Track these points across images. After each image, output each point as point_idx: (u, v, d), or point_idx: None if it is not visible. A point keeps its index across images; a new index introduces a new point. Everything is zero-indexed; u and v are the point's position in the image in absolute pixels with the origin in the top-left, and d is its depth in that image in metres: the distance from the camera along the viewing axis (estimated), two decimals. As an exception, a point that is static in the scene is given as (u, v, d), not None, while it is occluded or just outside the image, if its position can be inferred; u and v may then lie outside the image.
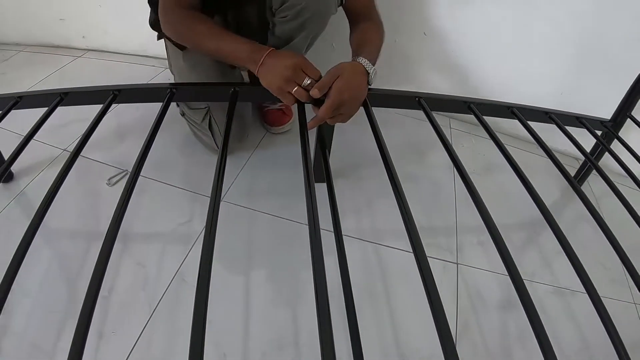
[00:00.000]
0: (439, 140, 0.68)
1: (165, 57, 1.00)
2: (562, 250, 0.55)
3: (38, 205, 0.51)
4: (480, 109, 0.81)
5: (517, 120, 0.87)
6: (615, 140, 0.99)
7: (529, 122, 0.85)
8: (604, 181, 0.76)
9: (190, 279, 0.72)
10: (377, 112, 0.69)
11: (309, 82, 0.65)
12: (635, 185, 0.83)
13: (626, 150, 0.92)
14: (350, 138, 1.05)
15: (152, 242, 0.80)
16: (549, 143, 0.79)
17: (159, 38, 0.94)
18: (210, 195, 0.52)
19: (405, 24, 1.18)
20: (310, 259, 0.44)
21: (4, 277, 0.42)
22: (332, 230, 0.51)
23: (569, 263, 0.54)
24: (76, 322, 0.37)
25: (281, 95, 0.67)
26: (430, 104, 0.77)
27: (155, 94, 0.76)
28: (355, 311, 0.41)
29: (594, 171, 0.96)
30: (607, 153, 0.94)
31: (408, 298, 0.74)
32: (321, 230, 0.47)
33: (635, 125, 1.01)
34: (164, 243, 0.80)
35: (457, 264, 0.82)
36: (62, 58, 1.46)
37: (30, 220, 0.49)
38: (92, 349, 0.63)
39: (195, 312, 0.39)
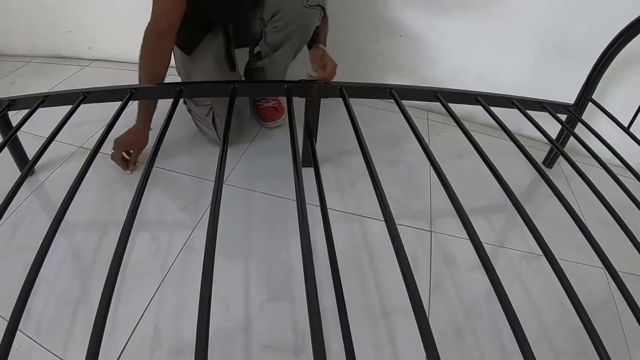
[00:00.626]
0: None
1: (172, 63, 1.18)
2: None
3: (56, 197, 0.66)
4: (446, 97, 0.97)
5: (497, 117, 1.02)
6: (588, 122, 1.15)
7: (499, 110, 1.01)
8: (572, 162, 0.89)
9: (198, 247, 0.88)
10: (362, 107, 0.87)
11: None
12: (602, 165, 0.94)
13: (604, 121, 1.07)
14: (335, 129, 1.23)
15: (164, 219, 0.97)
16: (521, 130, 0.95)
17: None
18: (214, 177, 0.67)
19: (384, 26, 1.37)
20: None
21: (33, 263, 0.53)
22: (319, 205, 0.67)
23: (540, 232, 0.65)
24: (102, 285, 0.50)
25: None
26: (400, 94, 0.94)
27: (167, 90, 0.93)
28: (339, 270, 0.55)
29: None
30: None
31: (387, 261, 0.90)
32: (309, 205, 0.61)
33: (602, 110, 1.18)
34: (174, 219, 0.96)
35: (431, 232, 0.98)
36: (70, 68, 1.64)
37: (49, 211, 0.64)
38: (113, 305, 0.78)
39: (203, 272, 0.50)
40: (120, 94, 0.91)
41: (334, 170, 1.13)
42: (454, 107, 0.96)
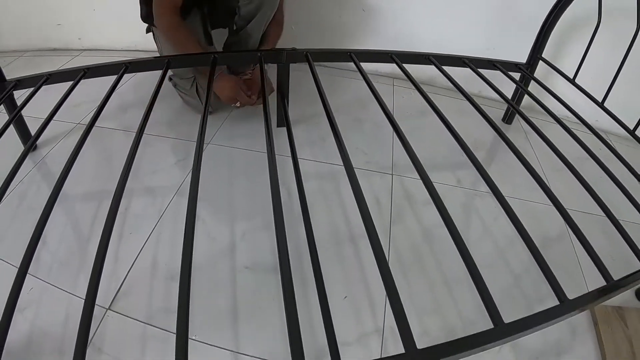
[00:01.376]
0: (380, 91, 1.03)
1: (155, 49, 1.37)
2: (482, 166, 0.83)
3: (57, 168, 0.82)
4: (401, 59, 1.17)
5: (453, 74, 1.18)
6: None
7: (458, 74, 1.18)
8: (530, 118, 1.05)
9: (187, 195, 1.08)
10: (332, 76, 1.06)
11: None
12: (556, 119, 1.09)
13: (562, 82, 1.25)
14: (306, 96, 1.43)
15: (157, 174, 1.17)
16: (482, 92, 1.14)
17: (147, 31, 1.32)
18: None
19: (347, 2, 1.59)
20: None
21: (40, 216, 0.67)
22: (290, 155, 0.85)
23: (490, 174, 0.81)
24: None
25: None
26: (359, 57, 1.14)
27: (157, 63, 1.13)
28: (307, 204, 0.73)
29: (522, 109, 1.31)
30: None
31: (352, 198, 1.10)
32: (283, 156, 0.80)
33: (551, 66, 1.37)
34: (166, 174, 1.17)
35: (392, 174, 1.20)
36: (61, 59, 1.83)
37: (52, 179, 0.80)
38: (115, 245, 0.98)
39: (188, 210, 0.67)
40: (116, 68, 1.10)
41: (306, 130, 1.34)
42: (416, 73, 1.15)
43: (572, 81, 1.27)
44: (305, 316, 0.83)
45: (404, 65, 1.15)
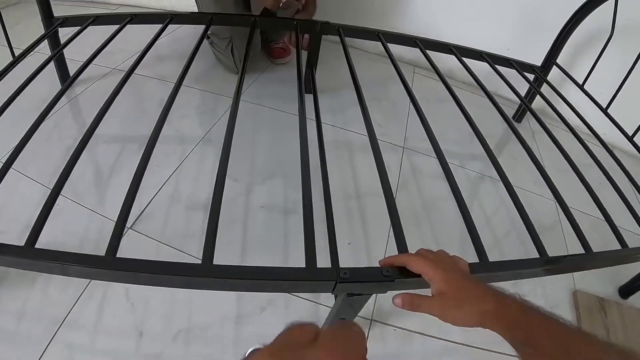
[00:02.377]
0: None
1: (193, 10, 1.49)
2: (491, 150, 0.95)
3: (89, 107, 0.93)
4: (425, 45, 1.31)
5: (470, 69, 1.31)
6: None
7: (477, 70, 1.28)
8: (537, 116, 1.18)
9: (214, 140, 1.22)
10: (356, 55, 1.19)
11: None
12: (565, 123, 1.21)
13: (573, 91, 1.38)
14: (332, 71, 1.58)
15: (188, 117, 1.32)
16: (497, 90, 1.27)
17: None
18: (234, 90, 0.98)
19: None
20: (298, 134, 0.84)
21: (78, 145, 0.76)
22: (314, 118, 0.96)
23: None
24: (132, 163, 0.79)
25: None
26: (386, 38, 1.28)
27: (201, 18, 1.27)
28: (326, 164, 0.84)
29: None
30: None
31: (365, 161, 1.24)
32: (307, 119, 0.90)
33: (563, 72, 1.50)
34: (196, 120, 1.32)
35: (404, 147, 1.35)
36: (98, 11, 1.99)
37: (79, 118, 0.92)
38: (147, 175, 1.11)
39: (222, 154, 0.78)
40: (162, 18, 1.24)
41: (328, 99, 1.49)
42: (437, 64, 1.28)
43: (580, 86, 1.41)
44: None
45: (427, 51, 1.29)
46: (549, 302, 1.10)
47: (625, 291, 1.18)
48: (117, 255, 0.58)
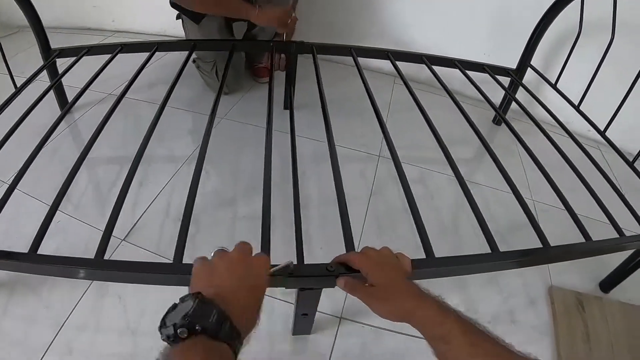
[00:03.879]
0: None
1: (183, 35, 1.67)
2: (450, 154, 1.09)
3: (87, 130, 1.06)
4: (396, 57, 1.46)
5: (453, 76, 1.43)
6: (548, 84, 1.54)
7: (458, 78, 1.44)
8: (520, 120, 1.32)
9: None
10: (343, 70, 1.38)
11: None
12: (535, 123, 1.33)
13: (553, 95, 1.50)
14: (312, 87, 1.69)
15: (178, 140, 1.51)
16: (478, 95, 1.38)
17: (177, 18, 1.64)
18: (219, 112, 1.16)
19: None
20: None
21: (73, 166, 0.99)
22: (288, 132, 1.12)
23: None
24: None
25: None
26: (358, 53, 1.43)
27: (184, 44, 1.45)
28: (297, 175, 1.01)
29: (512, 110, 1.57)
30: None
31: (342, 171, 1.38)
32: (284, 133, 1.06)
33: (537, 73, 1.62)
34: (185, 140, 1.51)
35: (379, 156, 1.51)
36: (94, 38, 2.18)
37: (79, 141, 1.09)
38: (135, 191, 1.28)
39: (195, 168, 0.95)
40: (149, 46, 1.42)
41: (310, 113, 1.64)
42: (416, 74, 1.41)
43: (553, 86, 1.53)
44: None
45: (400, 63, 1.44)
46: (525, 299, 1.20)
47: (606, 285, 1.27)
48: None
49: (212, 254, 0.60)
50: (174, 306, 0.48)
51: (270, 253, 0.76)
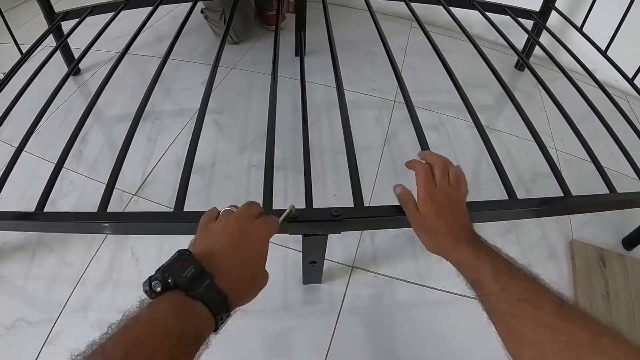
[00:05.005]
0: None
1: None
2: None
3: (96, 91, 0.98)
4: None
5: (472, 20, 1.33)
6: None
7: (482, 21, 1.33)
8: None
9: (210, 107, 1.36)
10: (356, 15, 1.28)
11: None
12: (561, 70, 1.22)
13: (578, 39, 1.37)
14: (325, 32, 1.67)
15: (186, 92, 1.48)
16: (498, 39, 1.27)
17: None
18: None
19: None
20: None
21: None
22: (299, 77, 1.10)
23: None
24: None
25: None
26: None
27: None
28: (307, 122, 0.97)
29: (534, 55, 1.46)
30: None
31: (354, 117, 1.31)
32: (294, 80, 1.06)
33: (562, 16, 1.50)
34: (194, 91, 1.48)
35: (394, 101, 1.46)
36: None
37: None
38: (144, 146, 1.27)
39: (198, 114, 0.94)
40: (153, 0, 1.35)
41: (322, 59, 1.57)
42: (435, 16, 1.31)
43: (579, 29, 1.42)
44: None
45: (416, 5, 1.35)
46: (545, 252, 1.15)
47: (629, 243, 1.21)
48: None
49: (221, 212, 0.58)
50: None
51: (284, 201, 0.73)
